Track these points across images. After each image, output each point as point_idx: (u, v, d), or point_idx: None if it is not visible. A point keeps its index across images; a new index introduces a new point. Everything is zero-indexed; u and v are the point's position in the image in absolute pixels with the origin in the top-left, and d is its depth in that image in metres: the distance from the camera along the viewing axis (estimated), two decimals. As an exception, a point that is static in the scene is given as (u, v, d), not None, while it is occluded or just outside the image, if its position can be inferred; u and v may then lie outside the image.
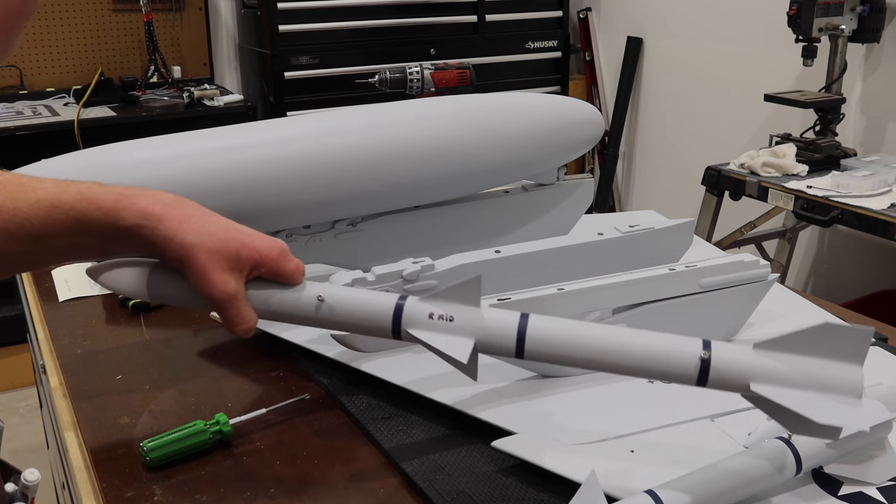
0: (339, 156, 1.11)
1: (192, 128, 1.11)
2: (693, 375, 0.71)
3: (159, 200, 0.77)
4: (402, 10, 3.56)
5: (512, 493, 0.84)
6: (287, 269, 0.79)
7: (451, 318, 0.76)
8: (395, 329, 0.77)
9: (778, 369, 0.69)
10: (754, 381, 0.69)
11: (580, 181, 1.33)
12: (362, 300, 0.79)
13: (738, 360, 0.70)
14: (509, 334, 0.74)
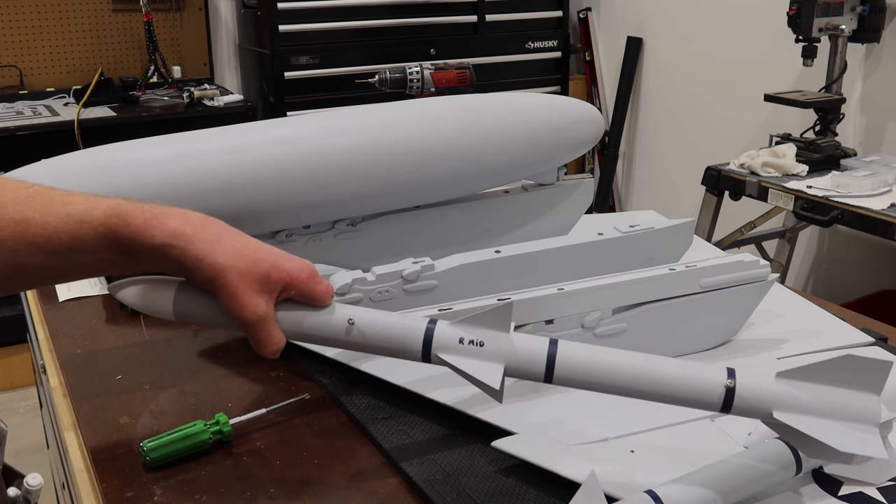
0: (339, 156, 1.11)
1: (192, 128, 1.11)
2: (718, 403, 0.73)
3: (189, 220, 0.76)
4: (402, 10, 3.56)
5: (512, 493, 0.84)
6: (317, 291, 0.79)
7: (481, 343, 0.76)
8: (426, 353, 0.77)
9: (800, 398, 0.72)
10: (777, 410, 0.72)
11: (580, 181, 1.33)
12: (393, 324, 0.79)
13: (762, 389, 0.73)
14: (539, 361, 0.75)
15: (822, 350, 1.10)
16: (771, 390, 0.72)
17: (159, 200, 1.03)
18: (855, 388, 0.71)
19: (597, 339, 1.01)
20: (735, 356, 1.08)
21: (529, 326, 0.96)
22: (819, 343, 1.12)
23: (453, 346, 0.77)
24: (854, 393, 0.71)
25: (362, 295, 1.03)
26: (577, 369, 0.75)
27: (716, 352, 1.10)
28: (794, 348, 1.10)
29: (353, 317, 0.79)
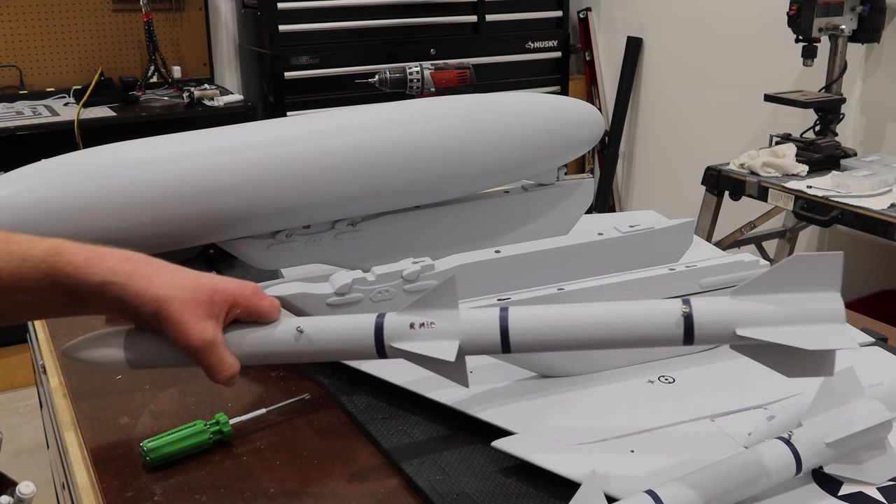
0: (339, 156, 1.11)
1: (192, 128, 1.11)
2: (679, 334, 0.70)
3: (129, 258, 0.76)
4: (402, 10, 3.56)
5: (512, 493, 0.84)
6: (262, 307, 0.79)
7: (432, 324, 0.75)
8: (380, 347, 0.76)
9: (760, 310, 0.69)
10: (739, 327, 0.69)
11: (580, 181, 1.33)
12: (342, 324, 0.78)
13: (720, 310, 0.70)
14: (492, 330, 0.74)
15: (822, 350, 1.10)
16: (729, 309, 0.70)
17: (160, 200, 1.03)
18: (812, 289, 0.69)
19: (597, 339, 1.00)
20: (735, 356, 1.08)
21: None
22: (819, 343, 1.12)
23: (405, 333, 0.75)
24: (813, 294, 0.69)
25: (362, 295, 1.03)
26: (532, 331, 0.73)
27: (716, 352, 1.09)
28: (794, 348, 1.10)
29: (301, 325, 0.78)
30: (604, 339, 0.73)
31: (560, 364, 1.00)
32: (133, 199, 1.02)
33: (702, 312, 0.70)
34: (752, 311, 0.70)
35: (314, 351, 0.78)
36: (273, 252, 1.14)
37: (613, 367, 1.03)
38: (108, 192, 1.02)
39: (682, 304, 0.70)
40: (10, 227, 0.98)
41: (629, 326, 0.72)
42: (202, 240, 1.14)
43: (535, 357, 0.98)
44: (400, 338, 0.75)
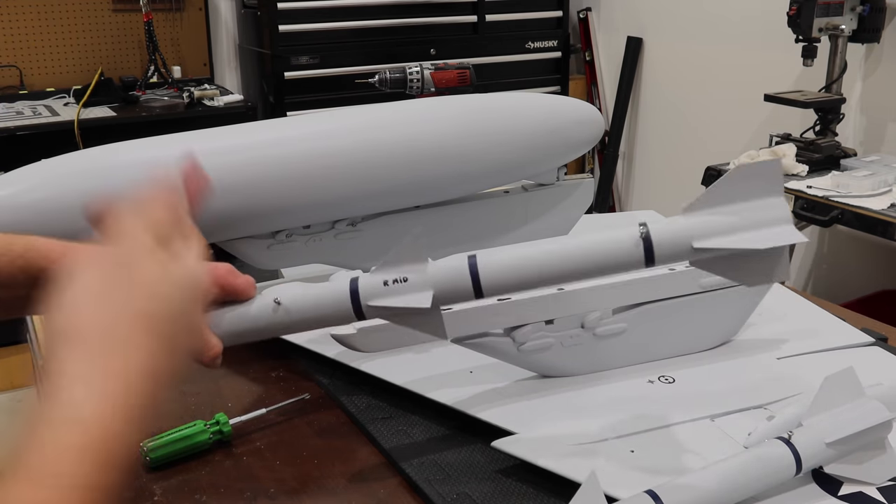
0: (339, 156, 1.11)
1: (192, 128, 1.11)
2: (641, 256, 0.74)
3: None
4: (402, 10, 3.56)
5: (512, 493, 0.84)
6: (238, 285, 0.78)
7: (405, 279, 0.77)
8: (357, 308, 0.77)
9: (712, 221, 0.73)
10: (696, 240, 0.73)
11: (580, 181, 1.33)
12: (318, 292, 0.78)
13: (675, 227, 0.74)
14: (463, 275, 0.76)
15: (822, 350, 1.10)
16: (684, 224, 0.73)
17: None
18: (757, 196, 0.73)
19: (597, 338, 1.01)
20: (735, 356, 1.08)
21: (529, 326, 0.96)
22: (819, 343, 1.12)
23: (380, 291, 0.77)
24: (759, 202, 0.73)
25: (362, 295, 1.02)
26: (502, 270, 0.76)
27: (716, 352, 1.10)
28: (794, 348, 1.10)
29: (278, 296, 0.78)
30: (570, 271, 0.76)
31: (560, 364, 1.00)
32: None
33: (658, 231, 0.73)
34: (705, 223, 0.73)
35: (293, 321, 0.78)
36: (273, 252, 1.14)
37: (613, 367, 1.03)
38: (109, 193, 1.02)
39: (638, 227, 0.74)
40: (11, 227, 0.98)
41: (593, 255, 0.75)
42: (202, 240, 1.14)
43: (535, 357, 0.98)
44: (376, 296, 0.77)
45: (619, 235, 0.74)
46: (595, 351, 1.01)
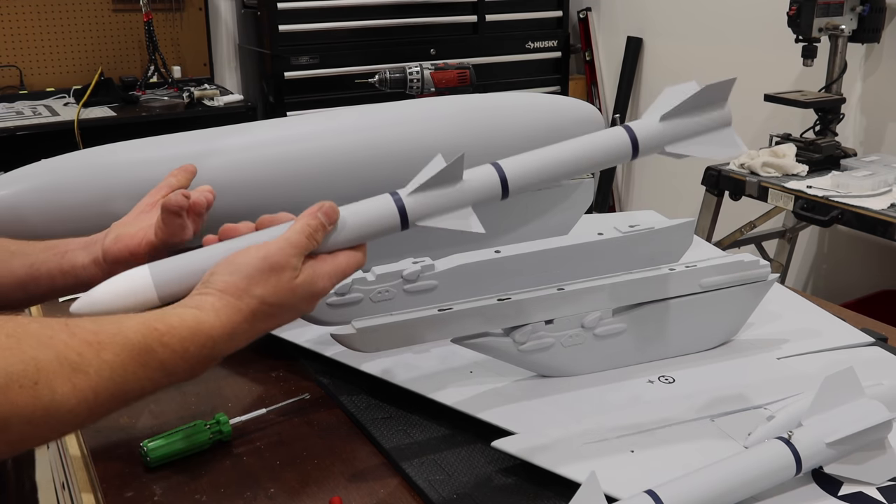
0: (338, 156, 1.11)
1: (192, 128, 1.11)
2: (629, 149, 0.91)
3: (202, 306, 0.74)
4: (402, 10, 3.56)
5: (512, 493, 0.84)
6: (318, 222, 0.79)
7: None
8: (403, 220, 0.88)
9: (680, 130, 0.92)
10: (668, 145, 0.92)
11: (580, 181, 1.33)
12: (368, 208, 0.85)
13: (653, 132, 0.92)
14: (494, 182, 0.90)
15: (823, 350, 1.10)
16: (659, 131, 0.92)
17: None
18: (712, 108, 0.93)
19: (597, 339, 1.01)
20: (735, 356, 1.08)
21: (529, 326, 0.96)
22: (819, 343, 1.12)
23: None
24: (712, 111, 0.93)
25: (362, 295, 1.03)
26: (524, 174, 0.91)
27: (716, 352, 1.10)
28: (794, 348, 1.10)
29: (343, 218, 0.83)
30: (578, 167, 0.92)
31: (560, 364, 1.00)
32: (133, 200, 1.02)
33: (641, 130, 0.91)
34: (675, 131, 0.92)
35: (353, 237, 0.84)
36: (273, 252, 1.14)
37: (613, 367, 1.03)
38: (108, 192, 1.02)
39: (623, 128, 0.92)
40: (11, 227, 0.98)
41: (595, 152, 0.92)
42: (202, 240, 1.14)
43: (535, 357, 0.98)
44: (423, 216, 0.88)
45: (613, 133, 0.92)
46: (595, 351, 1.01)
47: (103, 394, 0.62)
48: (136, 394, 0.67)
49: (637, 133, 0.91)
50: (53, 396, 0.58)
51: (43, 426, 0.58)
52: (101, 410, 0.63)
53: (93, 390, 0.61)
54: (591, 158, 0.91)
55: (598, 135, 0.92)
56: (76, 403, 0.59)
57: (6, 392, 0.55)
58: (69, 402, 0.59)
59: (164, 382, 0.69)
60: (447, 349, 1.00)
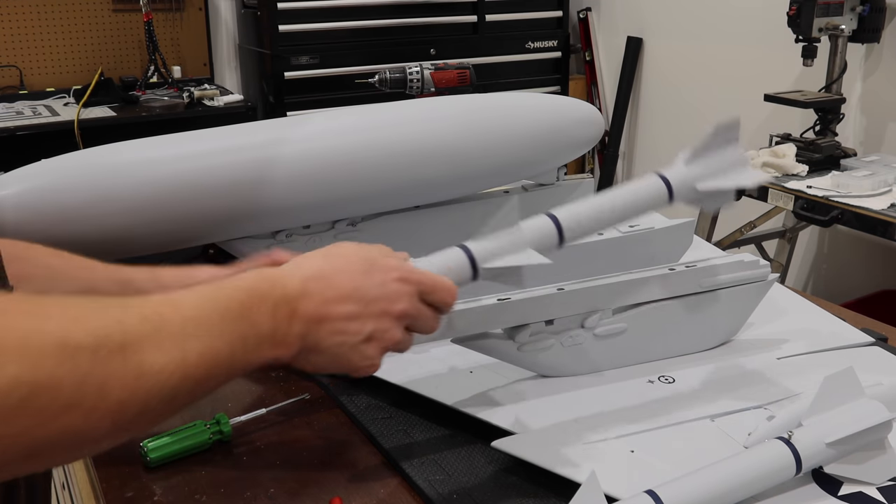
0: (338, 156, 1.11)
1: (192, 128, 1.12)
2: (666, 196, 0.96)
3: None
4: (402, 10, 3.56)
5: (512, 493, 0.84)
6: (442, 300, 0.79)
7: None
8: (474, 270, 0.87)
9: (707, 168, 0.97)
10: (699, 183, 0.96)
11: (580, 181, 1.33)
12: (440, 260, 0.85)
13: (685, 174, 0.97)
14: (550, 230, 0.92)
15: (823, 350, 1.10)
16: (690, 172, 0.97)
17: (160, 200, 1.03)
18: (728, 146, 0.98)
19: (597, 338, 1.01)
20: (735, 356, 1.08)
21: (530, 327, 0.96)
22: (819, 343, 1.12)
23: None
24: (729, 149, 0.98)
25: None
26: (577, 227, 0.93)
27: (716, 352, 1.10)
28: (794, 348, 1.10)
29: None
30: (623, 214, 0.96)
31: (560, 364, 1.00)
32: (133, 199, 1.02)
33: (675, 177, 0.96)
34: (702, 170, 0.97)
35: None
36: (273, 252, 1.14)
37: (613, 367, 1.03)
38: (109, 192, 1.02)
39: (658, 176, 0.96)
40: (11, 227, 0.98)
41: (637, 202, 0.95)
42: (202, 240, 1.14)
43: (535, 357, 0.98)
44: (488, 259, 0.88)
45: (652, 183, 0.96)
46: (595, 351, 1.01)
47: (192, 354, 0.59)
48: (226, 356, 0.62)
49: (670, 178, 0.96)
50: (143, 358, 0.55)
51: (140, 392, 0.55)
52: (195, 375, 0.59)
53: (180, 350, 0.58)
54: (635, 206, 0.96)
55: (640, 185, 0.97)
56: (165, 363, 0.57)
57: (97, 354, 0.53)
58: (158, 363, 0.56)
59: (252, 342, 0.65)
60: (447, 349, 1.00)
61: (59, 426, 0.51)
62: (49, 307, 0.54)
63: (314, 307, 0.70)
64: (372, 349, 0.73)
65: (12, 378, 0.48)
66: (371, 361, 0.73)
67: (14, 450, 0.50)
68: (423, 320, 0.77)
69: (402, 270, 0.76)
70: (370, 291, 0.73)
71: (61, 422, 0.51)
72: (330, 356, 0.71)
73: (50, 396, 0.50)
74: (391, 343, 0.74)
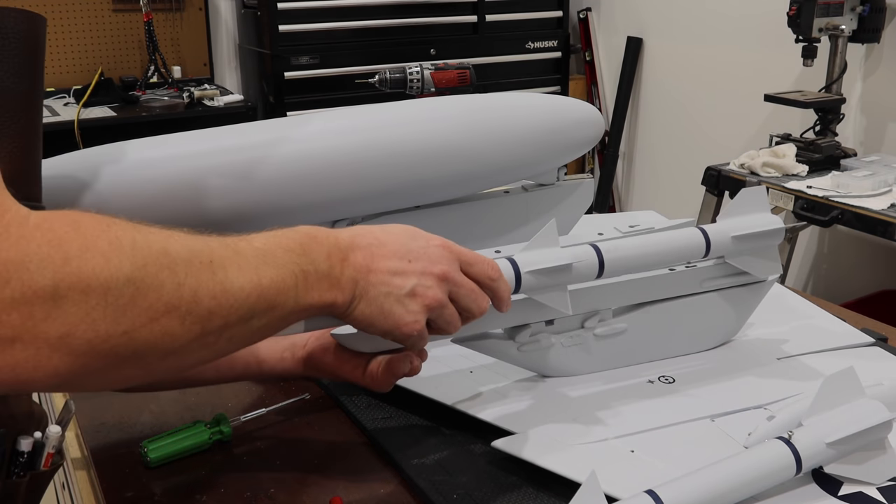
0: (338, 156, 1.11)
1: (192, 128, 1.11)
2: (703, 248, 1.00)
3: None
4: (402, 10, 3.56)
5: (512, 493, 0.84)
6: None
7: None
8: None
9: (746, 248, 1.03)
10: (727, 255, 1.03)
11: (580, 181, 1.33)
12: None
13: (721, 234, 1.02)
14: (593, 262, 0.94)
15: (822, 350, 1.10)
16: (724, 237, 1.01)
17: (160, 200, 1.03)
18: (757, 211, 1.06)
19: (597, 339, 1.01)
20: (735, 356, 1.08)
21: (529, 327, 0.96)
22: (819, 343, 1.12)
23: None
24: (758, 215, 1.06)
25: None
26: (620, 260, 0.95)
27: (716, 352, 1.10)
28: (794, 348, 1.10)
29: None
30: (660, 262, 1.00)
31: (560, 364, 1.00)
32: (134, 199, 1.02)
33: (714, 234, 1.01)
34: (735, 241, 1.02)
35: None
36: (273, 252, 1.14)
37: (613, 367, 1.03)
38: (108, 192, 1.02)
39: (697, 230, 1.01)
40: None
41: (675, 247, 0.99)
42: (202, 240, 1.13)
43: (535, 357, 0.98)
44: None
45: (690, 234, 1.00)
46: (595, 351, 1.01)
47: (265, 279, 0.65)
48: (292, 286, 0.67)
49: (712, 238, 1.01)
50: (227, 274, 0.62)
51: (224, 305, 0.61)
52: (267, 297, 0.65)
53: (255, 273, 0.64)
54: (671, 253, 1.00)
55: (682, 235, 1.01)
56: (244, 283, 0.63)
57: (190, 265, 0.59)
58: (238, 282, 0.62)
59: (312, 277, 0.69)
60: (447, 349, 1.00)
61: (160, 328, 0.56)
62: (149, 226, 0.60)
63: (362, 258, 0.74)
64: (416, 304, 0.75)
65: (126, 277, 0.54)
66: (415, 317, 0.75)
67: (122, 350, 0.55)
68: (466, 291, 0.79)
69: (446, 241, 0.81)
70: (413, 251, 0.77)
71: (162, 323, 0.56)
72: (377, 307, 0.74)
73: (155, 296, 0.56)
74: (433, 302, 0.76)
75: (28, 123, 0.65)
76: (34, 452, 0.73)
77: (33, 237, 0.51)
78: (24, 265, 0.50)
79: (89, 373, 0.54)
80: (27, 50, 0.65)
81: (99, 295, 0.53)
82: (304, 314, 0.70)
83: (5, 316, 0.50)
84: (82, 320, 0.52)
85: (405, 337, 0.76)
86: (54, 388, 0.57)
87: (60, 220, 0.53)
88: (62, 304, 0.51)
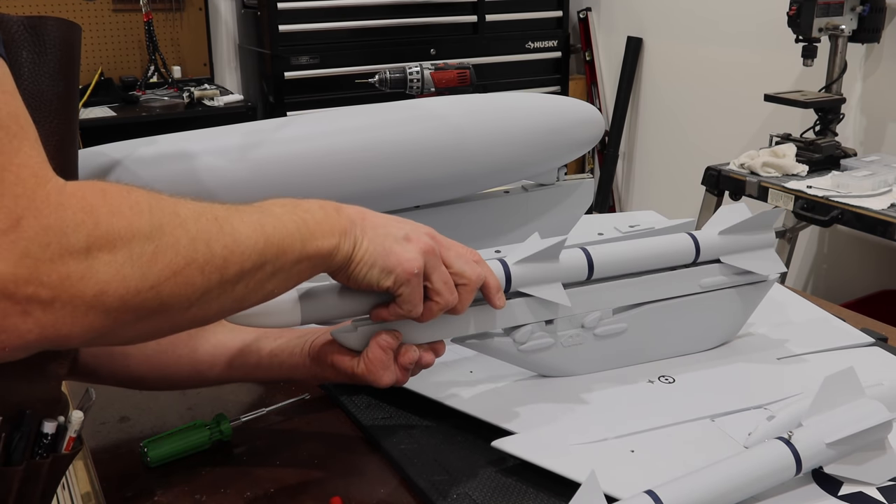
0: (338, 156, 1.11)
1: (192, 128, 1.11)
2: (692, 253, 1.02)
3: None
4: (402, 10, 3.56)
5: (512, 493, 0.84)
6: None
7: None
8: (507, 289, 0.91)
9: (737, 244, 1.04)
10: (723, 256, 1.04)
11: (580, 181, 1.33)
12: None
13: (715, 241, 1.04)
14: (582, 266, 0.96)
15: (823, 350, 1.10)
16: (720, 242, 1.04)
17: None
18: (760, 231, 1.06)
19: (597, 339, 1.01)
20: (735, 356, 1.08)
21: (529, 326, 0.96)
22: (819, 343, 1.12)
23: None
24: (760, 234, 1.06)
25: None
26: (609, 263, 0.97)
27: (716, 352, 1.10)
28: (794, 348, 1.10)
29: None
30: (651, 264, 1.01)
31: (560, 364, 1.00)
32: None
33: (704, 240, 1.03)
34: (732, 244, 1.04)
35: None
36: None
37: (613, 367, 1.03)
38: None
39: (688, 235, 1.03)
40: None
41: (666, 252, 1.02)
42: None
43: (535, 357, 0.98)
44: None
45: (680, 240, 1.03)
46: (595, 351, 1.01)
47: (268, 227, 0.70)
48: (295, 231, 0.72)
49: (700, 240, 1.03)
50: (233, 226, 0.67)
51: (236, 252, 0.66)
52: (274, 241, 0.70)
53: (258, 223, 0.69)
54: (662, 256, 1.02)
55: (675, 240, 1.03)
56: (251, 231, 0.68)
57: (199, 220, 0.65)
58: (245, 230, 0.68)
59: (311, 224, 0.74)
60: (447, 349, 1.00)
61: (183, 279, 0.61)
62: (160, 193, 0.65)
63: (355, 210, 0.79)
64: (412, 246, 0.79)
65: (146, 235, 0.59)
66: (414, 256, 0.79)
67: (151, 303, 0.59)
68: (454, 254, 0.84)
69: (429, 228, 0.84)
70: (398, 222, 0.82)
71: (184, 275, 0.61)
72: (379, 245, 0.78)
73: (173, 252, 0.61)
74: (427, 247, 0.80)
75: (63, 123, 0.69)
76: (57, 436, 0.74)
77: (69, 204, 0.56)
78: (62, 230, 0.55)
79: (122, 325, 0.59)
80: (63, 55, 0.68)
81: (125, 254, 0.58)
82: (311, 263, 0.74)
83: (45, 278, 0.54)
84: (113, 278, 0.57)
85: (407, 276, 0.78)
86: (90, 342, 0.60)
87: (91, 189, 0.59)
88: (95, 265, 0.56)
